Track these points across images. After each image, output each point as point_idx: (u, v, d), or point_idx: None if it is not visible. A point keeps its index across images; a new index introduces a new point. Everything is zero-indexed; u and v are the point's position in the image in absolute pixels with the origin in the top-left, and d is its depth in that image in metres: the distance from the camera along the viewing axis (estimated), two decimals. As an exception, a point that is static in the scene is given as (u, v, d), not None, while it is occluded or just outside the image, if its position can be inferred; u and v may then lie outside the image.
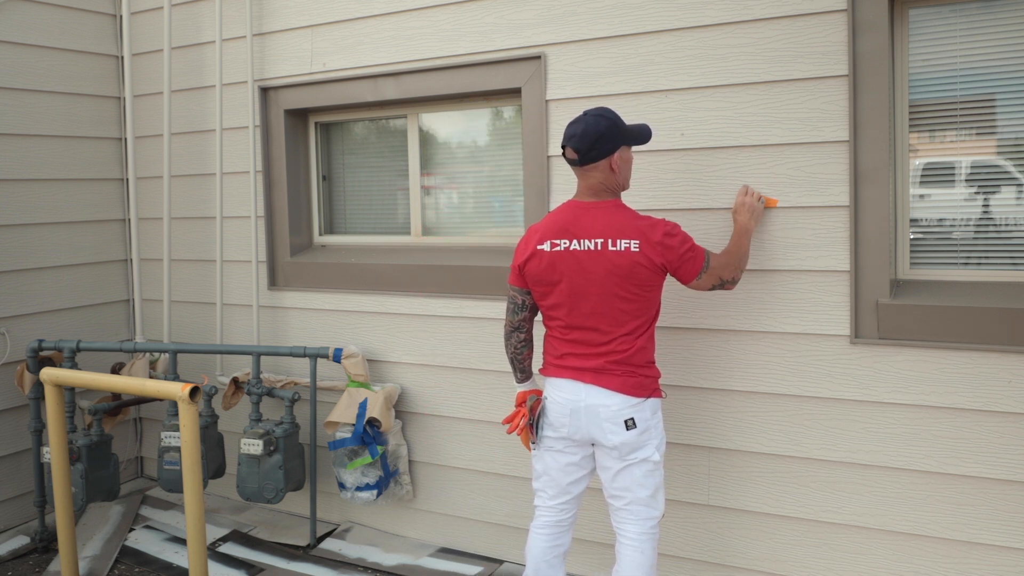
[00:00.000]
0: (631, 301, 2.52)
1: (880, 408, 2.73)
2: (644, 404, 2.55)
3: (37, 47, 4.00)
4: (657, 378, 2.63)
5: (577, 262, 2.52)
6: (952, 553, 2.66)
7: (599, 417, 2.53)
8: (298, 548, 3.66)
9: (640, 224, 2.51)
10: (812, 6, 2.72)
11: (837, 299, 2.76)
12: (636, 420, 2.52)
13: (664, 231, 2.50)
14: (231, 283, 4.08)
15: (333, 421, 3.53)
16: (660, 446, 2.59)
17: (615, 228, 2.50)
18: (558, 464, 2.67)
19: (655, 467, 2.59)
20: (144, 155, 4.28)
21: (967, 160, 2.69)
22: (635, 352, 2.54)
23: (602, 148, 2.53)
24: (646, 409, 2.55)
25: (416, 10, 3.46)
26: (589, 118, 2.54)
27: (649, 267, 2.48)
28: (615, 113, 2.58)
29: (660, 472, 2.60)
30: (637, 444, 2.54)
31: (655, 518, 2.62)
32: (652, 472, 2.58)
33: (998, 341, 2.54)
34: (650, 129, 2.66)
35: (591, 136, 2.52)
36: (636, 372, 2.54)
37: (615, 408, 2.52)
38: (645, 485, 2.58)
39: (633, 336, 2.54)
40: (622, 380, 2.53)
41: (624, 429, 2.52)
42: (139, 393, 2.79)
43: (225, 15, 3.94)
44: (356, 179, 3.97)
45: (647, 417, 2.55)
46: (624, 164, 2.60)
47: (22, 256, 3.96)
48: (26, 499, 3.97)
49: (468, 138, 3.62)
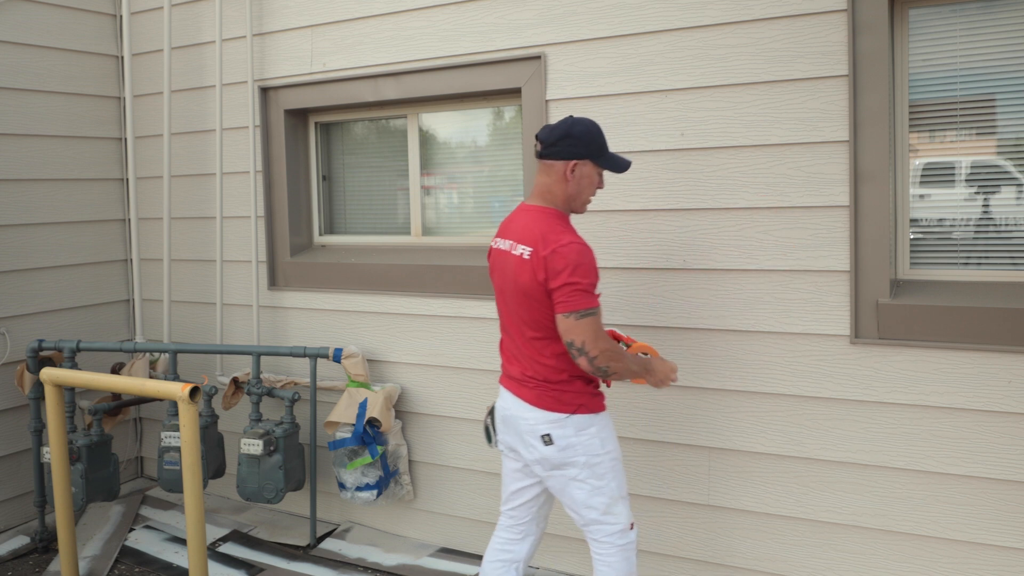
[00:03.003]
0: (528, 310, 2.41)
1: (880, 408, 2.73)
2: (567, 420, 2.41)
3: (37, 47, 4.00)
4: (586, 394, 2.46)
5: (501, 262, 2.49)
6: (952, 553, 2.66)
7: (520, 429, 2.48)
8: (298, 548, 3.66)
9: (546, 234, 2.35)
10: (812, 6, 2.72)
11: (837, 299, 2.76)
12: (554, 437, 2.41)
13: (555, 248, 2.31)
14: (231, 283, 4.08)
15: (333, 421, 3.53)
16: (596, 464, 2.43)
17: (525, 232, 2.40)
18: (506, 469, 2.64)
19: (596, 488, 2.44)
20: (144, 155, 4.28)
21: (967, 160, 2.69)
22: (548, 367, 2.42)
23: (565, 148, 2.42)
24: (569, 426, 2.41)
25: (416, 10, 3.46)
26: (571, 118, 2.47)
27: (531, 279, 2.35)
28: (601, 131, 2.47)
29: (609, 488, 2.45)
30: (560, 461, 2.43)
31: (617, 531, 2.48)
32: (595, 491, 2.44)
33: (998, 341, 2.54)
34: (630, 163, 2.52)
35: (560, 131, 2.42)
36: (553, 387, 2.42)
37: (532, 422, 2.44)
38: (592, 506, 2.46)
39: (539, 348, 2.43)
40: (537, 394, 2.44)
41: (542, 444, 2.43)
42: (139, 393, 2.79)
43: (225, 15, 3.94)
44: (356, 179, 3.98)
45: (569, 435, 2.41)
46: (583, 180, 2.45)
47: (22, 256, 3.96)
48: (26, 499, 3.97)
49: (468, 138, 3.62)
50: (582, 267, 2.31)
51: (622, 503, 2.49)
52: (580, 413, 2.43)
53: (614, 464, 2.48)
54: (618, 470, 2.50)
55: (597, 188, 2.52)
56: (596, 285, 2.36)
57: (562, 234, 2.35)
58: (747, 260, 2.88)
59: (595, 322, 2.33)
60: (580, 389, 2.45)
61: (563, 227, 2.40)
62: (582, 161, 2.43)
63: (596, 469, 2.44)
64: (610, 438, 2.50)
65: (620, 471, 2.51)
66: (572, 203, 2.48)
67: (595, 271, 2.35)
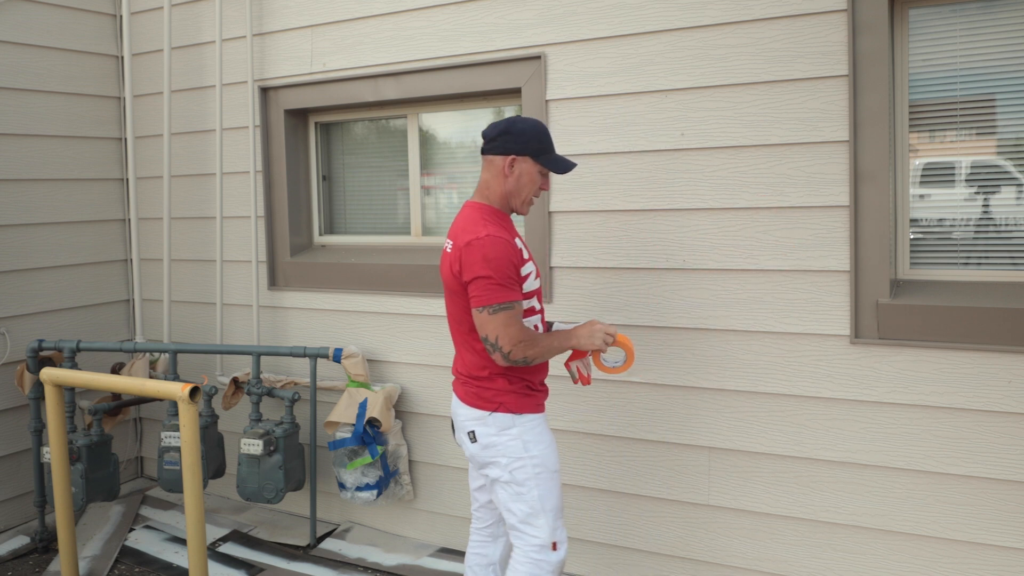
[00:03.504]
0: (454, 305, 2.42)
1: (880, 408, 2.73)
2: (488, 419, 2.39)
3: (37, 47, 4.00)
4: (509, 392, 2.40)
5: (441, 259, 2.50)
6: (952, 553, 2.66)
7: (457, 426, 2.50)
8: (298, 548, 3.66)
9: (467, 228, 2.34)
10: (812, 6, 2.72)
11: (837, 299, 2.76)
12: (477, 434, 2.40)
13: (470, 241, 2.29)
14: (231, 283, 4.08)
15: (333, 421, 3.53)
16: (517, 468, 2.38)
17: (454, 227, 2.41)
18: (470, 469, 2.65)
19: (516, 493, 2.38)
20: (144, 155, 4.28)
21: (967, 160, 2.69)
22: (473, 363, 2.42)
23: (504, 144, 2.39)
24: (491, 424, 2.39)
25: (416, 10, 3.46)
26: (519, 117, 2.45)
27: (450, 273, 2.37)
28: (546, 131, 2.43)
29: (530, 497, 2.38)
30: (483, 460, 2.42)
31: (535, 545, 2.39)
32: (517, 496, 2.38)
33: (998, 341, 2.54)
34: (573, 165, 2.46)
35: (502, 127, 2.40)
36: (477, 383, 2.42)
37: (463, 418, 2.45)
38: (511, 511, 2.40)
39: (467, 343, 2.42)
40: (466, 390, 2.45)
41: (469, 441, 2.43)
42: (139, 393, 2.79)
43: (225, 15, 3.94)
44: (356, 179, 3.97)
45: (491, 433, 2.39)
46: (522, 177, 2.41)
47: (22, 256, 3.96)
48: (26, 499, 3.97)
49: (468, 138, 3.62)
50: (495, 261, 2.26)
51: (546, 517, 2.39)
52: (501, 412, 2.39)
53: (539, 472, 2.39)
54: (544, 480, 2.40)
55: (541, 189, 2.47)
56: (514, 279, 2.31)
57: (483, 227, 2.31)
58: (747, 260, 2.88)
59: (509, 316, 2.28)
60: (502, 387, 2.40)
61: (487, 221, 2.36)
62: (521, 157, 2.40)
63: (516, 474, 2.38)
64: (536, 443, 2.41)
65: (548, 482, 2.40)
66: (511, 201, 2.44)
67: (510, 265, 2.30)
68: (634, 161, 3.05)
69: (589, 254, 3.16)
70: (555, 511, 2.42)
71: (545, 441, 2.44)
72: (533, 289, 2.44)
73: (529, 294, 2.42)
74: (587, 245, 3.16)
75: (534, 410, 2.44)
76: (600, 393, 3.18)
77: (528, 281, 2.41)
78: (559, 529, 2.42)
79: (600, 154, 3.11)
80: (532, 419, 2.43)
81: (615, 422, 3.16)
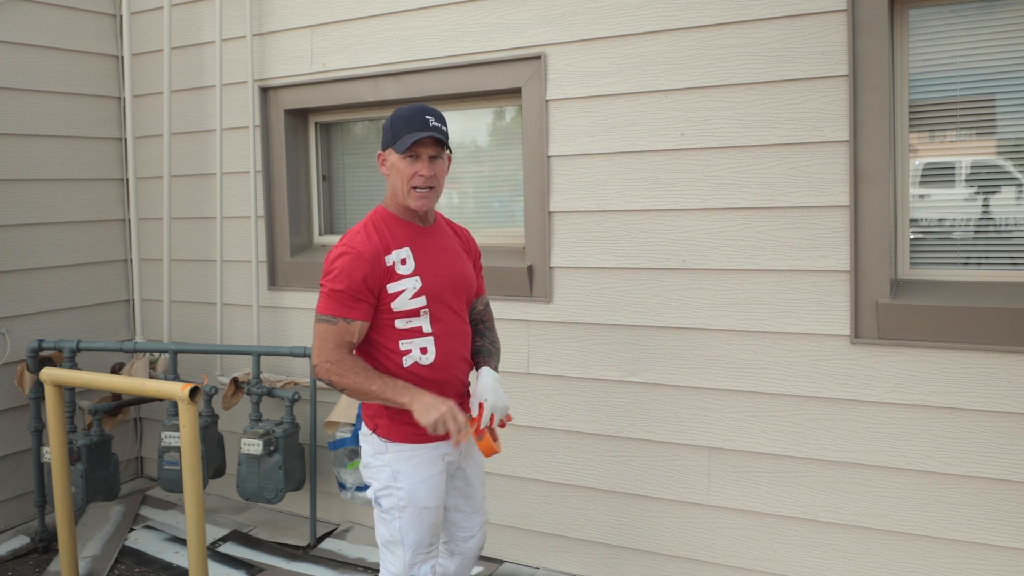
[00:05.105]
0: None
1: (880, 408, 2.73)
2: (370, 438, 2.31)
3: (37, 47, 4.00)
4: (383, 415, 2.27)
5: None
6: (952, 553, 2.66)
7: None
8: (298, 548, 3.66)
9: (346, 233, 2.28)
10: (812, 6, 2.72)
11: (837, 299, 2.76)
12: (362, 449, 2.36)
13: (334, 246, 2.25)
14: (231, 283, 4.08)
15: (333, 421, 3.53)
16: (383, 496, 2.27)
17: None
18: None
19: (382, 518, 2.30)
20: (144, 155, 4.28)
21: (967, 160, 2.69)
22: None
23: (383, 138, 2.30)
24: (369, 443, 2.31)
25: (416, 10, 3.46)
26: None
27: None
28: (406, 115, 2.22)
29: (392, 526, 2.26)
30: (364, 477, 2.35)
31: (392, 573, 2.29)
32: (381, 521, 2.30)
33: (998, 341, 2.54)
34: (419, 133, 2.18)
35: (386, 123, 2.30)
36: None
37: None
38: (377, 531, 2.33)
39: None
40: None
41: None
42: (139, 393, 2.79)
43: (225, 15, 3.94)
44: (356, 179, 3.97)
45: (368, 452, 2.32)
46: (392, 170, 2.26)
47: (22, 256, 3.96)
48: (26, 499, 3.97)
49: (468, 138, 3.62)
50: (332, 272, 2.18)
51: (403, 550, 2.27)
52: (377, 434, 2.28)
53: (404, 507, 2.25)
54: (408, 515, 2.25)
55: (419, 175, 2.22)
56: (354, 295, 2.16)
57: (350, 236, 2.24)
58: (747, 260, 2.88)
59: (327, 330, 2.15)
60: (378, 408, 2.28)
61: (361, 230, 2.25)
62: (385, 152, 2.29)
63: (382, 501, 2.28)
64: (408, 476, 2.25)
65: (412, 518, 2.25)
66: (397, 197, 2.29)
67: (346, 277, 2.16)
68: (634, 161, 3.05)
69: (589, 254, 3.16)
70: (415, 546, 2.28)
71: (418, 476, 2.26)
72: (408, 309, 2.23)
73: (401, 314, 2.23)
74: (587, 245, 3.16)
75: (411, 440, 2.26)
76: (600, 393, 3.18)
77: (399, 299, 2.21)
78: (420, 565, 2.29)
79: (600, 154, 3.11)
80: (407, 449, 2.26)
81: (615, 422, 3.16)
